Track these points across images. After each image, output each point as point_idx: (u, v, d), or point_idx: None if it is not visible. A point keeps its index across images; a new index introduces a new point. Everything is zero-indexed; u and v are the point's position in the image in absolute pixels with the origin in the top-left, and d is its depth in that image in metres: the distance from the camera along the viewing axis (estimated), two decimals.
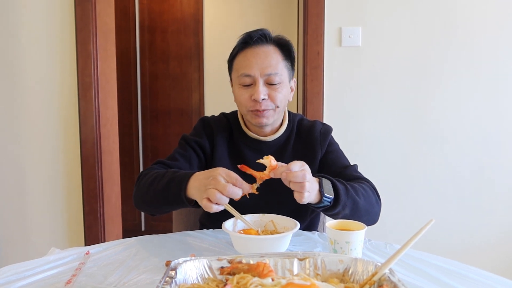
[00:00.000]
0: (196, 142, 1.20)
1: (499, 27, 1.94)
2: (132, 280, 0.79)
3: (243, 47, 1.14)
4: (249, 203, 0.97)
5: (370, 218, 1.07)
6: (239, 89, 1.14)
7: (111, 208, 2.18)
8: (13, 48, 2.02)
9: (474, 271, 0.86)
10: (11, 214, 2.10)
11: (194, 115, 3.29)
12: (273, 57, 1.12)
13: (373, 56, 1.98)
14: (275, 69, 1.11)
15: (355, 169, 1.18)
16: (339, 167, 1.17)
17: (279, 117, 1.19)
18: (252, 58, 1.11)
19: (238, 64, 1.15)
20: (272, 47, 1.13)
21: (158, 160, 1.17)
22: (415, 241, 0.69)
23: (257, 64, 1.10)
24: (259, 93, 1.09)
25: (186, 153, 1.18)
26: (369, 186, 1.10)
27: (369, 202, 1.05)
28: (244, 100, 1.13)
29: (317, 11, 1.96)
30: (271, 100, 1.12)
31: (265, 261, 0.69)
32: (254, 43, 1.12)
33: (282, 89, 1.13)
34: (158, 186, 1.02)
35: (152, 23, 3.25)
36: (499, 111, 1.98)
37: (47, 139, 2.05)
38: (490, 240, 2.02)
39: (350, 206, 0.99)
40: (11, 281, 0.79)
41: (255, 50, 1.12)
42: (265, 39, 1.13)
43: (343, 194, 0.97)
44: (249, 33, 1.13)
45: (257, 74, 1.10)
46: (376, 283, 0.64)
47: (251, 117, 1.15)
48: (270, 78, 1.11)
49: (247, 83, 1.12)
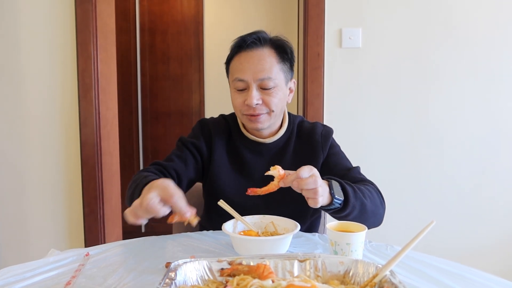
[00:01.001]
0: (192, 144, 1.19)
1: (499, 28, 1.94)
2: (132, 282, 0.79)
3: (237, 51, 1.13)
4: (249, 205, 0.97)
5: (376, 220, 1.07)
6: (234, 93, 1.14)
7: (111, 210, 2.18)
8: (14, 50, 2.02)
9: (475, 273, 0.85)
10: (10, 215, 2.09)
11: (194, 116, 3.29)
12: (267, 61, 1.10)
13: (374, 57, 1.98)
14: (269, 74, 1.09)
15: (358, 171, 1.17)
16: (342, 170, 1.16)
17: (276, 121, 1.18)
18: (246, 62, 1.10)
19: (232, 68, 1.14)
20: (267, 50, 1.12)
21: (155, 162, 1.16)
22: (416, 242, 0.68)
23: (250, 69, 1.09)
24: (251, 98, 1.08)
25: (182, 154, 1.18)
26: (374, 188, 1.10)
27: (375, 204, 1.05)
28: (238, 104, 1.13)
29: (317, 12, 1.96)
30: (265, 105, 1.11)
31: (266, 262, 0.68)
32: (248, 47, 1.11)
33: (276, 93, 1.12)
34: (132, 190, 1.02)
35: (152, 24, 3.25)
36: (500, 112, 1.97)
37: (47, 140, 2.05)
38: (491, 241, 2.02)
39: (358, 208, 0.98)
40: (11, 282, 0.79)
41: (249, 54, 1.11)
42: (260, 42, 1.11)
43: (352, 196, 0.96)
44: (243, 37, 1.12)
45: (250, 79, 1.09)
46: (377, 285, 0.63)
47: (246, 122, 1.15)
48: (264, 83, 1.09)
49: (240, 87, 1.12)
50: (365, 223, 0.94)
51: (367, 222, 0.97)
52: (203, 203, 1.32)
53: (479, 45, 1.95)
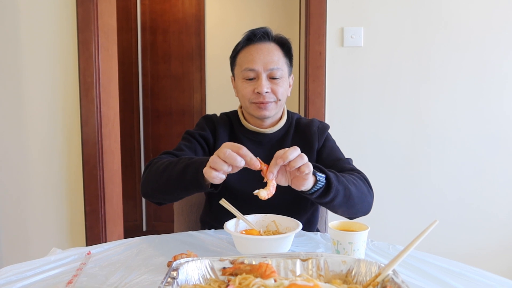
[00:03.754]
0: (200, 135, 1.24)
1: (501, 28, 1.93)
2: (134, 281, 0.79)
3: (247, 44, 1.20)
4: (249, 192, 0.96)
5: (363, 207, 1.08)
6: (242, 83, 1.19)
7: (113, 208, 2.18)
8: (15, 49, 2.02)
9: (477, 272, 0.85)
10: (12, 214, 2.10)
11: (195, 115, 3.29)
12: (275, 53, 1.18)
13: (375, 56, 1.97)
14: (277, 64, 1.17)
15: (349, 162, 1.21)
16: (333, 159, 1.21)
17: (279, 111, 1.24)
18: (256, 53, 1.17)
19: (241, 59, 1.20)
20: (273, 45, 1.20)
21: (165, 151, 1.18)
22: (419, 242, 0.68)
23: (260, 60, 1.16)
24: (262, 86, 1.15)
25: (191, 145, 1.21)
26: (360, 176, 1.11)
27: (361, 191, 1.06)
28: (247, 93, 1.18)
29: (319, 11, 1.96)
30: (273, 93, 1.18)
31: (268, 261, 0.68)
32: (257, 40, 1.19)
33: (283, 83, 1.19)
34: (173, 171, 1.02)
35: (153, 23, 3.25)
36: (502, 111, 1.97)
37: (48, 139, 2.05)
38: (494, 241, 2.01)
39: (342, 193, 0.99)
40: (12, 281, 0.79)
41: (258, 47, 1.18)
42: (267, 36, 1.20)
43: (334, 179, 0.97)
44: (253, 31, 1.20)
45: (260, 68, 1.16)
46: (379, 284, 0.63)
47: (254, 110, 1.19)
48: (273, 73, 1.17)
49: (250, 77, 1.17)
50: (352, 209, 0.98)
51: (353, 208, 1.01)
52: (205, 200, 1.32)
53: (481, 44, 1.94)
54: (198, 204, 1.40)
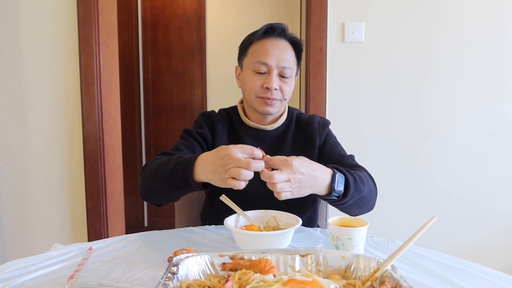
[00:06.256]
0: (198, 133, 1.23)
1: (502, 27, 1.92)
2: (135, 276, 0.80)
3: (263, 36, 1.18)
4: (250, 190, 0.96)
5: (369, 206, 1.09)
6: (251, 75, 1.18)
7: (114, 204, 2.19)
8: (16, 45, 2.02)
9: (477, 268, 0.86)
10: (14, 210, 2.11)
11: (196, 111, 3.29)
12: (288, 52, 1.18)
13: (376, 52, 1.97)
14: (289, 63, 1.17)
15: (352, 158, 1.21)
16: (336, 156, 1.21)
17: (281, 109, 1.23)
18: (271, 48, 1.16)
19: (255, 51, 1.18)
20: (288, 43, 1.20)
21: (162, 152, 1.18)
22: (418, 237, 0.68)
23: (275, 55, 1.16)
24: (272, 82, 1.14)
25: (189, 144, 1.20)
26: (367, 175, 1.11)
27: (370, 191, 1.07)
28: (255, 86, 1.17)
29: (320, 6, 1.95)
30: (281, 92, 1.17)
31: (267, 257, 0.68)
32: (276, 35, 1.18)
33: (291, 83, 1.19)
34: (164, 172, 1.02)
35: (154, 18, 3.25)
36: (503, 108, 1.96)
37: (50, 135, 2.06)
38: (494, 237, 2.02)
39: (356, 197, 0.99)
40: (15, 276, 0.80)
41: (274, 42, 1.17)
42: (284, 34, 1.19)
43: (352, 187, 0.97)
44: (271, 25, 1.19)
45: (273, 64, 1.15)
46: (378, 279, 0.64)
47: (258, 104, 1.18)
48: (284, 71, 1.16)
49: (261, 70, 1.16)
50: (360, 209, 0.97)
51: (361, 208, 1.01)
52: (205, 196, 1.32)
53: (482, 42, 1.94)
54: (198, 200, 1.41)
